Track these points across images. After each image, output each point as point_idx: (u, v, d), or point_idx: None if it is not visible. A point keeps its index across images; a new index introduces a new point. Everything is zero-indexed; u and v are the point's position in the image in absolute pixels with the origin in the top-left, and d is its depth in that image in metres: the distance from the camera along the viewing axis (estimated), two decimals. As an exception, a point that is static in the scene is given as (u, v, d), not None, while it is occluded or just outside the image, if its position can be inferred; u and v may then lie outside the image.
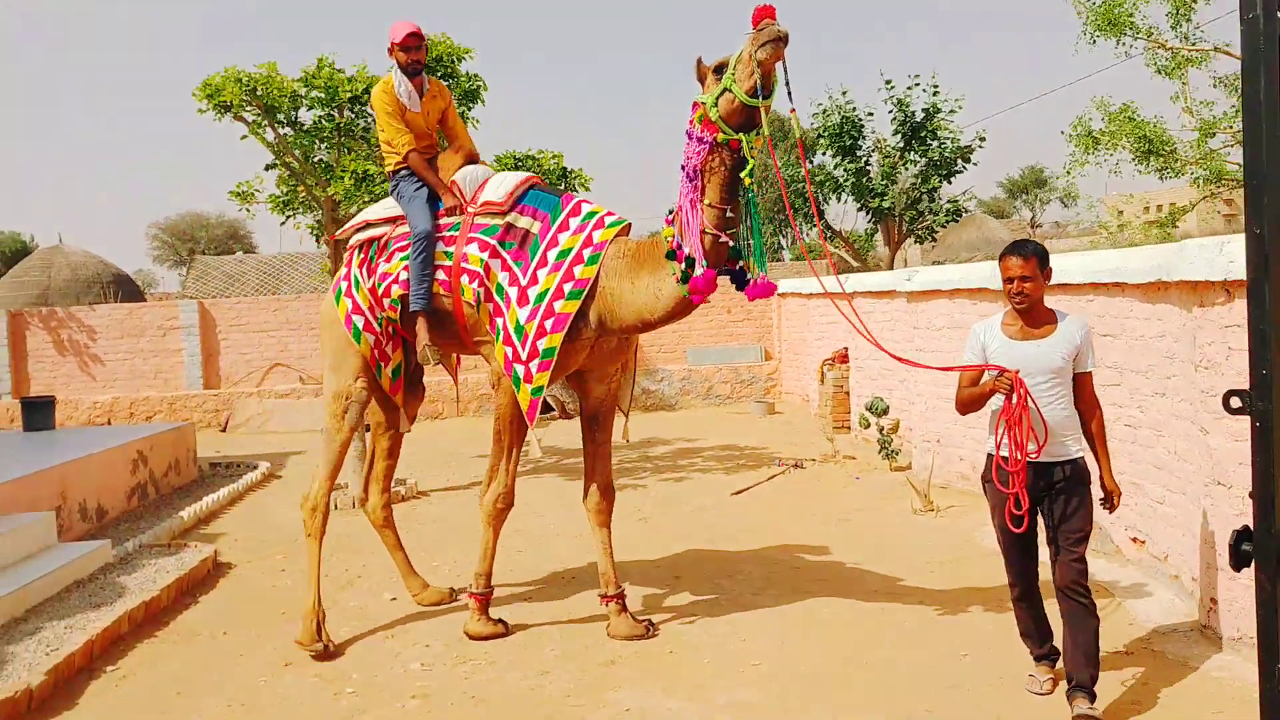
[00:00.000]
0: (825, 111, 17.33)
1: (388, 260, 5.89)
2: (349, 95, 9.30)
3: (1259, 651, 1.95)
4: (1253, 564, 1.87)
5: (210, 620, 6.31)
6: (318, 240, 10.85)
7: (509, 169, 9.60)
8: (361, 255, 6.10)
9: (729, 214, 4.92)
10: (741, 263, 5.04)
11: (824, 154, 17.57)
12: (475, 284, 5.49)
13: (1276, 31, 1.68)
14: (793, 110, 4.76)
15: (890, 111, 17.00)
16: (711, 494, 9.59)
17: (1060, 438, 4.28)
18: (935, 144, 16.88)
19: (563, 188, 10.02)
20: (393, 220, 6.01)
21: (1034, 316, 4.35)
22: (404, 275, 5.72)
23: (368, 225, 6.15)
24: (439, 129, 6.32)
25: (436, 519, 9.15)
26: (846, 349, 12.93)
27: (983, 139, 17.39)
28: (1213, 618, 5.12)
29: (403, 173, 5.98)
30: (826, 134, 17.08)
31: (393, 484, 7.19)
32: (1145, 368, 6.15)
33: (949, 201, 17.77)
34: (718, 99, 4.70)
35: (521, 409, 5.34)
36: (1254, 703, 4.21)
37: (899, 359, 5.26)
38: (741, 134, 4.74)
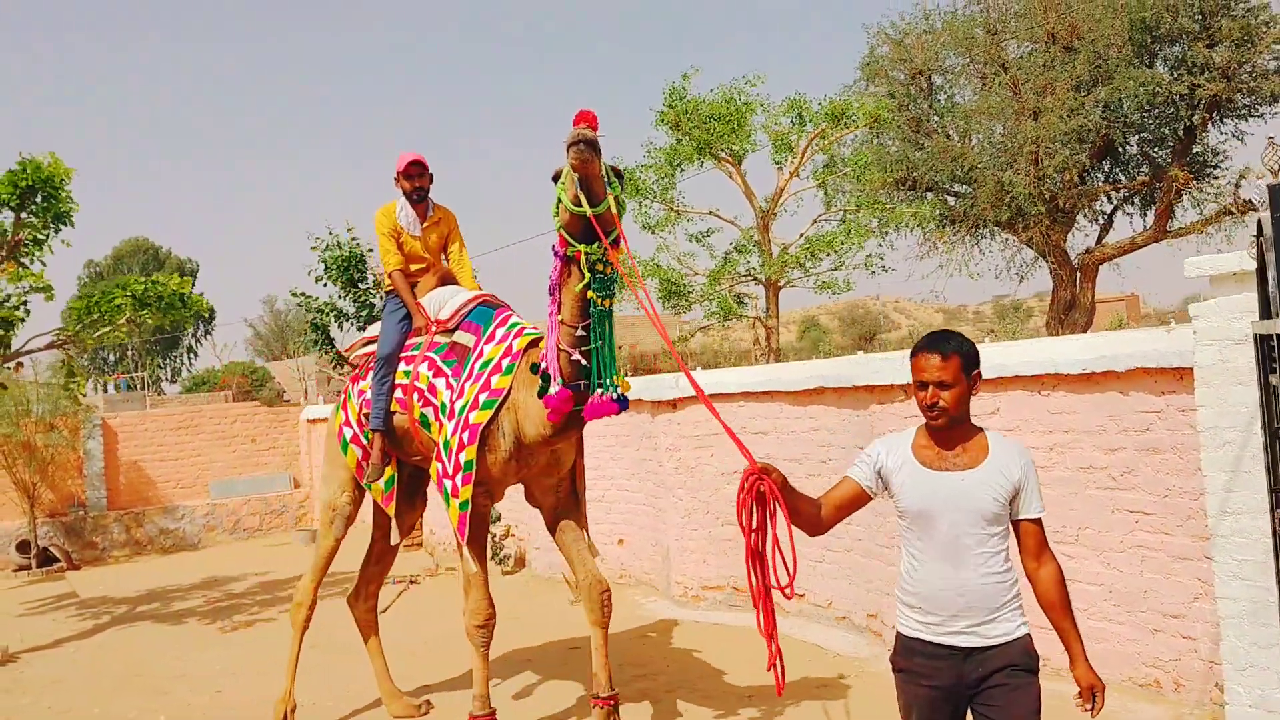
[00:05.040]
0: (327, 247, 17.86)
1: (365, 378, 5.98)
2: None
3: None
4: None
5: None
6: None
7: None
8: (357, 371, 6.20)
9: (580, 332, 4.77)
10: (611, 382, 4.83)
11: (328, 285, 17.99)
12: (421, 402, 5.53)
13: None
14: (617, 219, 4.59)
15: (393, 250, 18.11)
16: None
17: (991, 609, 3.11)
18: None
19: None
20: None
21: (954, 438, 3.22)
22: (370, 394, 5.79)
23: (368, 342, 6.19)
24: (443, 253, 6.30)
25: (50, 683, 7.99)
26: (409, 468, 13.43)
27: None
28: (889, 635, 6.83)
29: (392, 293, 6.00)
30: (335, 267, 17.57)
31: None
32: (800, 455, 7.90)
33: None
34: (556, 209, 4.64)
35: (453, 520, 5.28)
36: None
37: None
38: (583, 245, 4.60)
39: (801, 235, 17.92)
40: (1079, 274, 19.05)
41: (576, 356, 4.78)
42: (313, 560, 6.48)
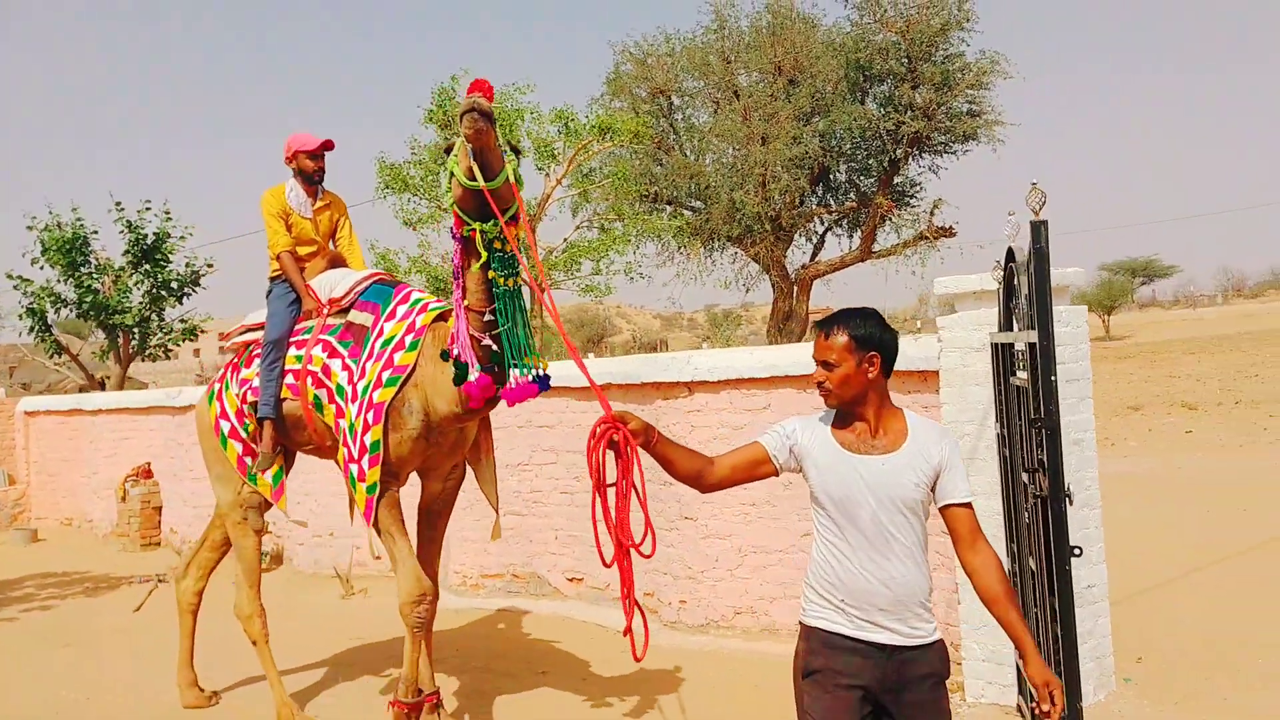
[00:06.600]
0: (46, 227, 16.63)
1: (248, 366, 5.72)
2: None
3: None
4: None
5: None
6: None
7: None
8: (235, 359, 5.89)
9: (488, 316, 4.63)
10: (524, 363, 4.73)
11: (44, 269, 16.75)
12: (314, 384, 5.32)
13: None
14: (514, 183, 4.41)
15: (121, 232, 17.05)
16: (111, 614, 9.21)
17: (914, 603, 2.90)
18: (169, 267, 17.37)
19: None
20: None
21: (869, 419, 2.99)
22: (257, 382, 5.57)
23: (247, 330, 5.90)
24: (333, 239, 6.08)
25: None
26: (150, 464, 12.81)
27: (210, 265, 18.09)
28: (666, 612, 7.62)
29: (278, 278, 5.75)
30: (54, 249, 16.38)
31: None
32: (582, 447, 8.42)
33: (181, 321, 18.15)
34: (449, 185, 4.40)
35: (360, 505, 5.09)
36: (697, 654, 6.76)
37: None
38: (479, 224, 4.41)
39: (565, 240, 18.58)
40: (796, 288, 20.86)
41: (487, 342, 4.64)
42: (243, 569, 6.02)
